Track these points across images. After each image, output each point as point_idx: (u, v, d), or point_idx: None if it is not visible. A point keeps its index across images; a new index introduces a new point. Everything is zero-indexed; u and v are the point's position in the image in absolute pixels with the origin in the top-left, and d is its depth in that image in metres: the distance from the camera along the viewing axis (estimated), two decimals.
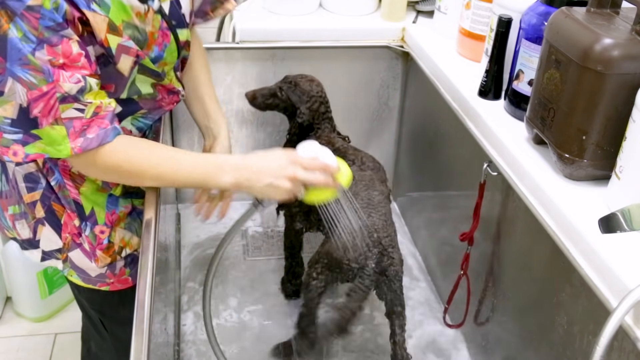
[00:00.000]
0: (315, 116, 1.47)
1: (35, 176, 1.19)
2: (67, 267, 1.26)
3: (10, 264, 2.10)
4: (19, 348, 2.10)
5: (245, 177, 1.08)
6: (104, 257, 1.24)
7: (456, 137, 1.49)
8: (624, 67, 1.00)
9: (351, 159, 1.37)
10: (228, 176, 1.08)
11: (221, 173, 1.09)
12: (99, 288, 1.28)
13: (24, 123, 0.96)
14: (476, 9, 1.51)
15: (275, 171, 1.08)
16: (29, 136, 0.98)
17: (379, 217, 1.25)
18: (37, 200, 1.20)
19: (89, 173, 1.14)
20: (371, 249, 1.21)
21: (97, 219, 1.22)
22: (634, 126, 0.97)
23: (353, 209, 1.20)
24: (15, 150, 0.98)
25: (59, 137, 0.98)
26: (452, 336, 1.53)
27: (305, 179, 1.09)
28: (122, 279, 1.29)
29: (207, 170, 1.10)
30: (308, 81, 1.48)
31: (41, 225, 1.22)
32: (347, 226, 1.19)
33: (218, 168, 1.09)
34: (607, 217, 0.87)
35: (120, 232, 1.26)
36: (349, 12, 1.86)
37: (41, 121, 0.96)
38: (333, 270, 1.24)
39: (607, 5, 1.10)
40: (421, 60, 1.70)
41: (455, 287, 1.43)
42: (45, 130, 0.97)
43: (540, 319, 1.15)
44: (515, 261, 1.25)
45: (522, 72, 1.27)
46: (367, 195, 1.29)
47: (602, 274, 0.94)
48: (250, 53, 1.76)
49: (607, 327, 0.79)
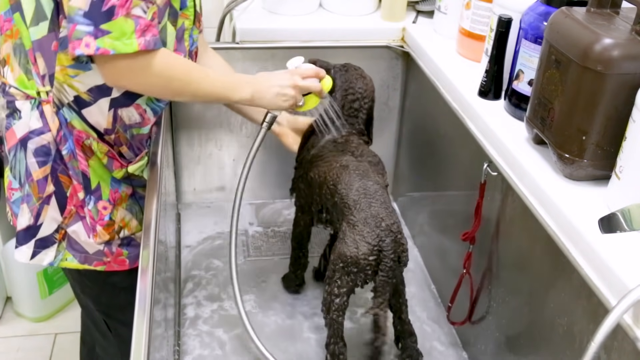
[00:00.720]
0: (345, 107, 1.44)
1: (47, 148, 1.21)
2: (62, 249, 1.27)
3: (10, 264, 2.10)
4: (19, 348, 2.10)
5: (257, 89, 1.24)
6: (103, 233, 1.25)
7: (456, 137, 1.49)
8: (624, 67, 1.00)
9: (351, 151, 1.38)
10: (245, 90, 1.23)
11: (240, 87, 1.23)
12: (94, 268, 1.29)
13: (96, 15, 1.01)
14: (476, 9, 1.51)
15: (281, 81, 1.26)
16: (99, 30, 1.02)
17: (379, 206, 1.24)
18: (48, 174, 1.23)
19: (131, 80, 1.14)
20: (383, 239, 1.20)
21: (101, 194, 1.25)
22: (634, 126, 0.97)
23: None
24: (88, 42, 1.02)
25: (129, 31, 1.04)
26: (452, 335, 1.53)
27: (304, 85, 1.27)
28: (118, 259, 1.30)
29: (229, 84, 1.24)
30: (359, 74, 1.47)
31: (46, 205, 1.23)
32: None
33: (237, 83, 1.24)
34: (607, 217, 0.87)
35: (122, 212, 1.28)
36: (349, 12, 1.86)
37: (117, 11, 1.02)
38: (351, 273, 1.22)
39: (607, 5, 1.10)
40: (421, 60, 1.70)
41: (457, 286, 1.43)
42: (118, 22, 1.02)
43: (540, 319, 1.15)
44: (514, 261, 1.25)
45: (522, 72, 1.27)
46: (362, 186, 1.27)
47: (602, 274, 0.94)
48: (250, 53, 1.76)
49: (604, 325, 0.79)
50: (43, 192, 1.22)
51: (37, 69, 1.18)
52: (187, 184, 1.95)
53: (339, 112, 1.41)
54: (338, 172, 1.31)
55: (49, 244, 1.26)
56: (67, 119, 1.20)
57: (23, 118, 1.21)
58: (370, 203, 1.24)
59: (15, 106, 1.21)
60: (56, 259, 1.28)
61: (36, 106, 1.20)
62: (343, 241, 1.22)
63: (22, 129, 1.21)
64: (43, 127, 1.21)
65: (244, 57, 1.76)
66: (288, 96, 1.26)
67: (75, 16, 1.01)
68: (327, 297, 1.25)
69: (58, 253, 1.27)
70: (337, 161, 1.35)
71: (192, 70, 1.19)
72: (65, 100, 1.19)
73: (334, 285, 1.24)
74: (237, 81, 1.26)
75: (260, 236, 1.83)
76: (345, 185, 1.28)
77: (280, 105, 1.28)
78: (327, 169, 1.34)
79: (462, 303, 1.45)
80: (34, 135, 1.21)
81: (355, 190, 1.27)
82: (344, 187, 1.28)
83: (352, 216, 1.23)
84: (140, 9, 1.05)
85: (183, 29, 1.25)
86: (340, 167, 1.32)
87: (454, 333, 1.54)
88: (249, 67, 1.78)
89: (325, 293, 1.26)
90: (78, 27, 1.02)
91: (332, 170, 1.33)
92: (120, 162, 1.28)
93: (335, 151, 1.39)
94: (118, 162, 1.28)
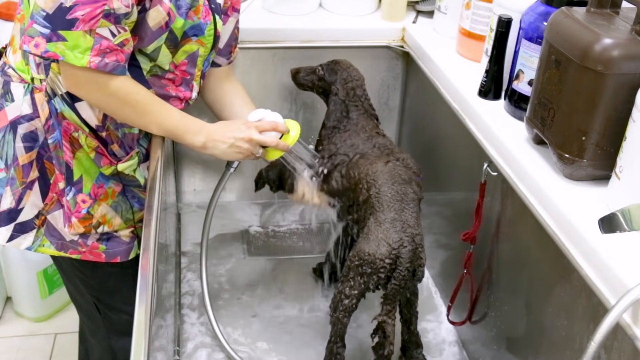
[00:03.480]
0: (350, 95, 1.46)
1: (35, 134, 1.23)
2: (41, 235, 1.28)
3: (10, 264, 2.10)
4: (19, 348, 2.10)
5: (212, 139, 1.25)
6: (77, 225, 1.26)
7: (456, 137, 1.49)
8: (624, 67, 1.00)
9: (397, 157, 1.35)
10: (197, 139, 1.24)
11: (193, 133, 1.24)
12: (70, 255, 1.30)
13: (57, 21, 1.03)
14: (476, 9, 1.51)
15: (234, 134, 1.25)
16: (55, 34, 1.04)
17: (410, 214, 1.23)
18: (33, 159, 1.24)
19: (86, 92, 1.16)
20: (405, 245, 1.18)
21: (83, 187, 1.26)
22: (634, 126, 0.97)
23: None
24: (38, 42, 1.04)
25: (85, 46, 1.06)
26: (453, 334, 1.53)
27: (259, 139, 1.27)
28: (94, 252, 1.31)
29: (183, 127, 1.24)
30: (349, 64, 1.51)
31: (29, 190, 1.24)
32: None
33: (194, 129, 1.25)
34: (607, 217, 0.87)
35: (104, 208, 1.28)
36: (349, 12, 1.86)
37: (78, 24, 1.03)
38: (364, 274, 1.20)
39: (607, 5, 1.10)
40: (421, 60, 1.70)
41: (458, 286, 1.43)
42: (75, 35, 1.04)
43: (540, 319, 1.15)
44: (515, 261, 1.25)
45: (522, 72, 1.27)
46: (402, 190, 1.26)
47: (602, 274, 0.94)
48: (250, 53, 1.76)
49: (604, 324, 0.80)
50: (27, 177, 1.23)
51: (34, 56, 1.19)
52: (187, 184, 1.95)
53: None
54: (383, 171, 1.30)
55: (27, 229, 1.27)
56: (57, 109, 1.22)
57: (15, 101, 1.22)
58: (403, 208, 1.23)
59: (9, 88, 1.23)
60: (34, 244, 1.29)
61: (29, 92, 1.22)
62: (367, 237, 1.21)
63: (13, 112, 1.22)
64: (33, 114, 1.22)
65: (244, 57, 1.76)
66: (242, 149, 1.26)
67: (36, 15, 1.04)
68: (337, 296, 1.24)
69: (36, 239, 1.28)
70: (384, 162, 1.32)
71: (150, 103, 1.20)
72: (59, 91, 1.20)
73: (346, 284, 1.23)
74: (192, 126, 1.25)
75: (260, 236, 1.83)
76: (385, 181, 1.27)
77: (233, 157, 1.28)
78: (372, 165, 1.32)
79: (462, 303, 1.45)
80: (24, 121, 1.22)
81: (394, 191, 1.25)
82: (384, 184, 1.26)
83: (382, 214, 1.22)
84: (109, 30, 1.07)
85: (197, 55, 1.27)
86: (386, 168, 1.30)
87: (455, 331, 1.54)
88: (249, 67, 1.78)
89: (337, 291, 1.25)
90: (35, 25, 1.04)
91: (376, 168, 1.30)
92: (110, 159, 1.28)
93: (381, 149, 1.38)
94: (107, 159, 1.28)
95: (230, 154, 1.27)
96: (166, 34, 1.18)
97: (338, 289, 1.25)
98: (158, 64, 1.23)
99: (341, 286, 1.24)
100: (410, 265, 1.19)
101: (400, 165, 1.32)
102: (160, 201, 1.20)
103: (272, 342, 1.47)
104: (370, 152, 1.37)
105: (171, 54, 1.23)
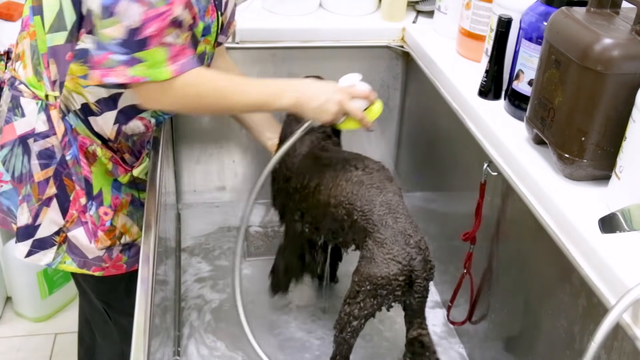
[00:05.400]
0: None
1: (51, 152, 1.22)
2: (62, 252, 1.27)
3: (10, 264, 2.10)
4: (19, 348, 2.10)
5: (301, 98, 1.19)
6: (104, 239, 1.26)
7: (456, 137, 1.49)
8: (624, 67, 1.00)
9: (353, 164, 1.30)
10: (287, 98, 1.19)
11: (282, 95, 1.19)
12: (92, 273, 1.29)
13: (131, 44, 1.02)
14: (476, 9, 1.51)
15: (328, 95, 1.20)
16: (133, 59, 1.03)
17: (405, 220, 1.18)
18: (50, 176, 1.23)
19: (165, 100, 1.14)
20: (414, 258, 1.14)
21: (103, 199, 1.26)
22: (634, 126, 0.97)
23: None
24: (121, 71, 1.04)
25: (162, 59, 1.06)
26: (452, 334, 1.53)
27: (349, 108, 1.20)
28: (117, 265, 1.31)
29: (270, 92, 1.20)
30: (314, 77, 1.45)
31: (45, 207, 1.24)
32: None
33: (279, 91, 1.20)
34: (607, 217, 0.87)
35: (123, 218, 1.28)
36: (349, 12, 1.86)
37: (151, 41, 1.03)
38: (378, 296, 1.15)
39: (607, 5, 1.10)
40: (421, 60, 1.70)
41: (458, 286, 1.43)
42: (152, 52, 1.04)
43: (540, 319, 1.15)
44: (514, 261, 1.25)
45: (522, 72, 1.27)
46: (385, 200, 1.21)
47: (602, 274, 0.94)
48: (250, 53, 1.76)
49: (604, 324, 0.79)
50: (43, 193, 1.23)
51: (49, 74, 1.18)
52: (187, 184, 1.95)
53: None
54: (354, 190, 1.24)
55: (47, 246, 1.27)
56: (72, 125, 1.21)
57: (27, 116, 1.21)
58: (396, 218, 1.18)
59: (19, 102, 1.22)
60: (55, 261, 1.28)
61: (43, 109, 1.21)
62: (372, 261, 1.14)
63: (23, 127, 1.22)
64: (49, 131, 1.21)
65: (244, 57, 1.76)
66: (330, 112, 1.21)
67: (109, 45, 1.02)
68: (344, 318, 1.18)
69: (57, 255, 1.28)
70: (346, 178, 1.27)
71: (226, 84, 1.18)
72: (72, 107, 1.20)
73: (355, 307, 1.17)
74: (280, 88, 1.22)
75: (260, 236, 1.83)
76: (366, 201, 1.21)
77: (319, 117, 1.23)
78: (336, 187, 1.27)
79: (462, 303, 1.45)
80: (39, 138, 1.21)
81: (379, 205, 1.20)
82: (365, 204, 1.21)
83: (379, 234, 1.16)
84: (173, 35, 1.07)
85: (205, 53, 1.27)
86: (353, 184, 1.25)
87: (454, 332, 1.54)
88: (249, 67, 1.78)
89: (343, 313, 1.19)
90: (112, 56, 1.03)
91: (345, 189, 1.25)
92: (124, 167, 1.28)
93: (332, 165, 1.32)
94: (122, 167, 1.28)
95: (319, 113, 1.21)
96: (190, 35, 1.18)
97: (345, 310, 1.19)
98: None
99: (348, 308, 1.18)
100: (426, 275, 1.15)
101: (365, 174, 1.27)
102: (160, 201, 1.20)
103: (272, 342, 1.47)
104: (325, 171, 1.31)
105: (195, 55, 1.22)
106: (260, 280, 1.66)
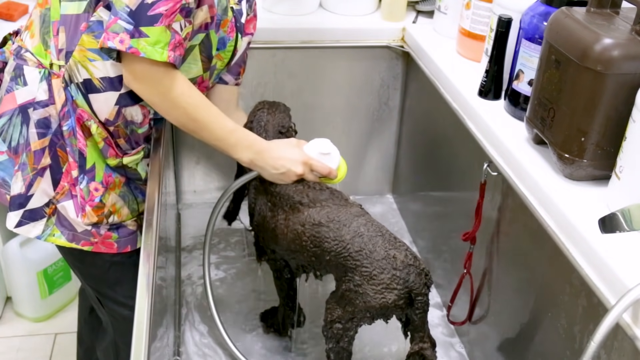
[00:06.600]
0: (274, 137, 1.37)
1: (48, 121, 1.23)
2: (51, 224, 1.27)
3: (10, 264, 2.10)
4: (19, 348, 2.10)
5: (259, 161, 1.24)
6: (91, 214, 1.26)
7: (456, 137, 1.49)
8: (624, 67, 1.00)
9: (298, 201, 1.26)
10: (244, 155, 1.24)
11: (243, 149, 1.24)
12: (82, 247, 1.29)
13: (139, 17, 1.05)
14: (476, 9, 1.51)
15: (288, 165, 1.24)
16: (137, 31, 1.06)
17: (383, 241, 1.14)
18: (46, 146, 1.24)
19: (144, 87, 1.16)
20: (406, 278, 1.11)
21: (95, 175, 1.26)
22: (634, 126, 0.97)
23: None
24: (123, 38, 1.06)
25: (164, 41, 1.08)
26: (452, 334, 1.53)
27: (309, 178, 1.27)
28: (106, 242, 1.30)
29: (230, 144, 1.24)
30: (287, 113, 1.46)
31: (39, 177, 1.24)
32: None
33: (243, 144, 1.24)
34: (607, 217, 0.87)
35: (114, 197, 1.29)
36: (349, 12, 1.86)
37: (162, 20, 1.06)
38: (377, 317, 1.15)
39: (607, 5, 1.10)
40: (421, 60, 1.70)
41: (458, 286, 1.43)
42: (158, 30, 1.07)
43: (540, 319, 1.15)
44: (514, 261, 1.25)
45: (522, 72, 1.27)
46: (354, 231, 1.16)
47: (602, 274, 0.94)
48: (250, 53, 1.75)
49: (604, 324, 0.80)
50: (38, 163, 1.23)
51: (57, 42, 1.19)
52: (187, 184, 1.95)
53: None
54: (314, 233, 1.19)
55: (37, 217, 1.26)
56: (72, 96, 1.21)
57: (29, 85, 1.22)
58: (374, 244, 1.13)
59: (22, 71, 1.22)
60: (44, 234, 1.27)
61: (45, 77, 1.21)
62: (366, 294, 1.11)
63: (24, 96, 1.22)
64: (48, 100, 1.22)
65: None
66: (288, 181, 1.27)
67: (120, 10, 1.06)
68: (339, 332, 1.17)
69: (46, 227, 1.27)
70: (300, 222, 1.22)
71: (203, 109, 1.20)
72: (75, 79, 1.20)
73: (352, 325, 1.16)
74: (243, 140, 1.24)
75: None
76: (335, 242, 1.16)
77: (277, 181, 1.27)
78: (292, 232, 1.23)
79: (462, 303, 1.45)
80: (39, 107, 1.21)
81: (349, 240, 1.15)
82: (335, 245, 1.15)
83: (364, 267, 1.11)
84: (179, 24, 1.09)
85: (215, 68, 1.29)
86: (312, 226, 1.20)
87: (454, 332, 1.54)
88: (249, 67, 1.77)
89: (336, 330, 1.17)
90: (119, 22, 1.06)
91: (304, 233, 1.21)
92: (116, 151, 1.28)
93: (281, 205, 1.29)
94: (114, 150, 1.28)
95: (277, 178, 1.26)
96: (203, 35, 1.21)
97: (337, 328, 1.17)
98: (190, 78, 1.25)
99: (346, 324, 1.16)
100: (424, 289, 1.13)
101: (315, 208, 1.23)
102: (161, 201, 1.20)
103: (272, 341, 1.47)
104: (276, 213, 1.29)
105: (203, 66, 1.26)
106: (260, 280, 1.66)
